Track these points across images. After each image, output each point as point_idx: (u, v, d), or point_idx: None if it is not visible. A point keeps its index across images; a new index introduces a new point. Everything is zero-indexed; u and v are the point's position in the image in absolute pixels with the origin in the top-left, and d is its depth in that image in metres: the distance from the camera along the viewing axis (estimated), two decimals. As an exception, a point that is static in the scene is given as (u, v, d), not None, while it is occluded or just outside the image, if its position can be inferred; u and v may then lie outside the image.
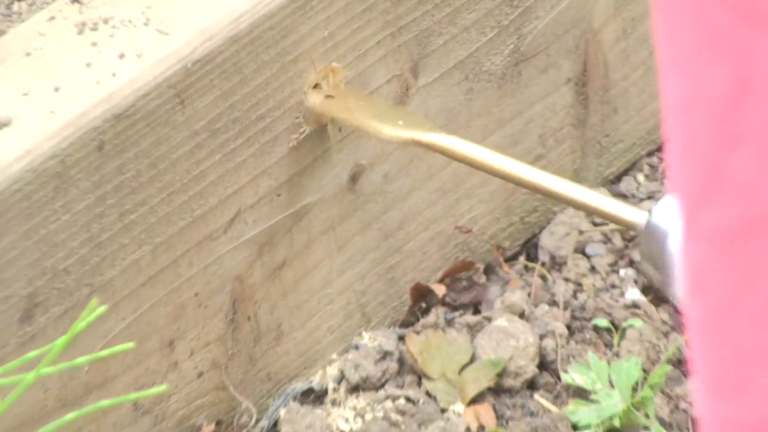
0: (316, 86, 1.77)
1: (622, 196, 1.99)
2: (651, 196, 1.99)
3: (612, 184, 2.04)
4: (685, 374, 1.88)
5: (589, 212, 1.86)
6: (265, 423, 1.82)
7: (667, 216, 1.56)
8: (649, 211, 1.56)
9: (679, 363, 1.88)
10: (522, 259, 1.91)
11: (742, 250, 1.19)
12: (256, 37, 1.72)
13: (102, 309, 1.57)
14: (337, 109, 1.79)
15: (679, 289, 1.59)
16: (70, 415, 1.61)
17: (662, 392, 1.80)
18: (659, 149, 2.14)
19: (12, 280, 1.64)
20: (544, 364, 1.83)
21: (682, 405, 1.82)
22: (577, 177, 1.92)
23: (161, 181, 1.75)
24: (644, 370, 1.79)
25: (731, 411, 1.19)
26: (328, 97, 1.76)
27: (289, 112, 1.76)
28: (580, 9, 2.05)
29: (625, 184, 2.05)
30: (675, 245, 1.58)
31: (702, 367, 1.22)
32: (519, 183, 1.77)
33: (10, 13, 1.79)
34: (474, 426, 1.78)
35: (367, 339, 1.83)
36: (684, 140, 1.23)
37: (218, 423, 1.80)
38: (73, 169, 1.64)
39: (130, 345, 1.66)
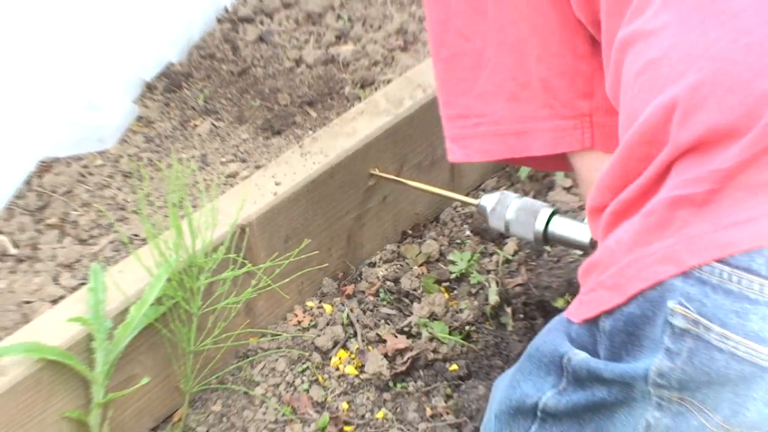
0: (373, 170, 1.69)
1: (480, 190, 1.72)
2: (485, 190, 1.86)
3: (478, 188, 1.90)
4: (490, 255, 1.77)
5: (462, 202, 1.80)
6: (357, 273, 1.73)
7: (485, 202, 1.45)
8: (479, 202, 1.47)
9: (484, 252, 1.78)
10: (434, 223, 1.84)
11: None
12: (358, 156, 1.65)
13: (306, 242, 1.59)
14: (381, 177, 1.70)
15: (491, 226, 1.48)
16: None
17: (477, 263, 1.74)
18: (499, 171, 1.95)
19: (283, 225, 1.56)
20: (441, 253, 1.77)
21: (485, 267, 1.75)
22: (456, 188, 1.77)
23: (339, 197, 1.66)
24: (472, 256, 1.74)
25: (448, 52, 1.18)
26: (380, 171, 1.69)
27: (366, 179, 1.69)
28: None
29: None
30: (488, 214, 1.46)
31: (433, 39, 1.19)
32: (435, 195, 1.72)
33: (268, 144, 1.73)
34: (422, 272, 1.73)
35: (388, 246, 1.77)
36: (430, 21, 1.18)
37: (344, 271, 1.73)
38: (300, 195, 1.57)
39: (306, 242, 1.60)
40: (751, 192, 0.82)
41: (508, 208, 1.42)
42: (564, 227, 1.38)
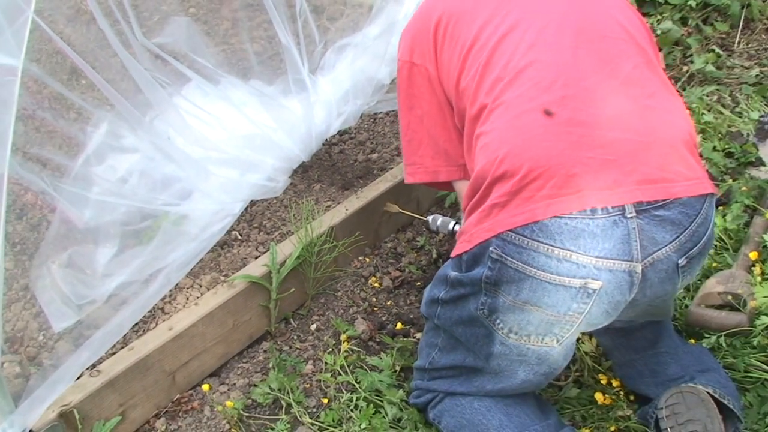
0: (385, 205, 1.59)
1: (429, 212, 1.57)
2: (431, 211, 1.68)
3: (428, 210, 1.64)
4: (434, 238, 1.60)
5: (421, 218, 1.62)
6: (378, 246, 1.57)
7: (429, 218, 1.38)
8: (427, 217, 1.43)
9: (438, 236, 1.71)
10: (410, 226, 1.68)
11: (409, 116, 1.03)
12: (380, 199, 1.55)
13: (358, 233, 1.40)
14: (390, 207, 1.58)
15: (431, 229, 1.37)
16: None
17: (428, 241, 1.63)
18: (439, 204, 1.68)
19: (349, 226, 1.41)
20: (414, 237, 1.64)
21: (432, 242, 1.65)
22: (419, 210, 1.64)
23: (371, 215, 1.50)
24: (426, 238, 1.63)
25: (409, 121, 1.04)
26: (392, 205, 1.59)
27: (382, 208, 1.58)
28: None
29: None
30: (430, 223, 1.37)
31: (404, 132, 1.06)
32: (409, 215, 1.60)
33: (344, 194, 1.56)
34: (406, 245, 1.61)
35: (391, 235, 1.63)
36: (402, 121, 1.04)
37: (374, 245, 1.61)
38: (356, 214, 1.46)
39: (358, 233, 1.45)
40: (524, 200, 0.84)
41: (438, 221, 1.37)
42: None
